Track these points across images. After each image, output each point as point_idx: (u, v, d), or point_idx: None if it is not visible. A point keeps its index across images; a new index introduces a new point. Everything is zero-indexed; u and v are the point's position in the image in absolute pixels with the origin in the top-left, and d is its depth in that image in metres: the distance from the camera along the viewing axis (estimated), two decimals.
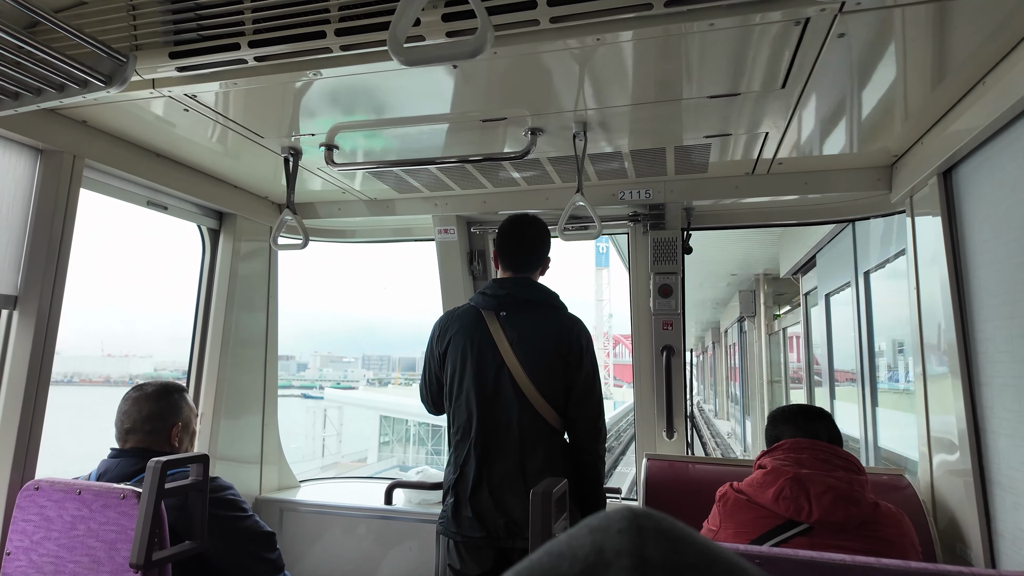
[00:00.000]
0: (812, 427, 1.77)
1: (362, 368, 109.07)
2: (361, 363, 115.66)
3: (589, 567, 0.29)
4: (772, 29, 1.37)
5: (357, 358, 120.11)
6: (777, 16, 1.30)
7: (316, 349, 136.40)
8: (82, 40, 1.39)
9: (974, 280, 1.80)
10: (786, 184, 2.44)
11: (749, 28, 1.36)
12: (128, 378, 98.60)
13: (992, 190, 1.69)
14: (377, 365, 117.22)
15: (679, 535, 0.31)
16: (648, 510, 0.32)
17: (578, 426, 2.02)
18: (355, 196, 2.87)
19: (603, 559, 0.29)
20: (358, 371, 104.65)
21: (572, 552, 0.31)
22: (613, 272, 60.91)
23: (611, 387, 54.62)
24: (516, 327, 2.02)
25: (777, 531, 1.60)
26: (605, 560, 0.29)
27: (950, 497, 1.97)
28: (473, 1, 1.08)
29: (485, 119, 1.94)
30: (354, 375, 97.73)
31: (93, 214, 52.57)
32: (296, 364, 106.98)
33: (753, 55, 1.50)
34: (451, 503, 2.02)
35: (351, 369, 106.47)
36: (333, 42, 1.49)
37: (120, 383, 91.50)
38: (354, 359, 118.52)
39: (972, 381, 1.81)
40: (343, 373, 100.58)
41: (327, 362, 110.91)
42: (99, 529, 1.71)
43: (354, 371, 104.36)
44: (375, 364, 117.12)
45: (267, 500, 2.89)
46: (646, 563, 0.29)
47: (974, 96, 1.66)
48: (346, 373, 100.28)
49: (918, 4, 1.28)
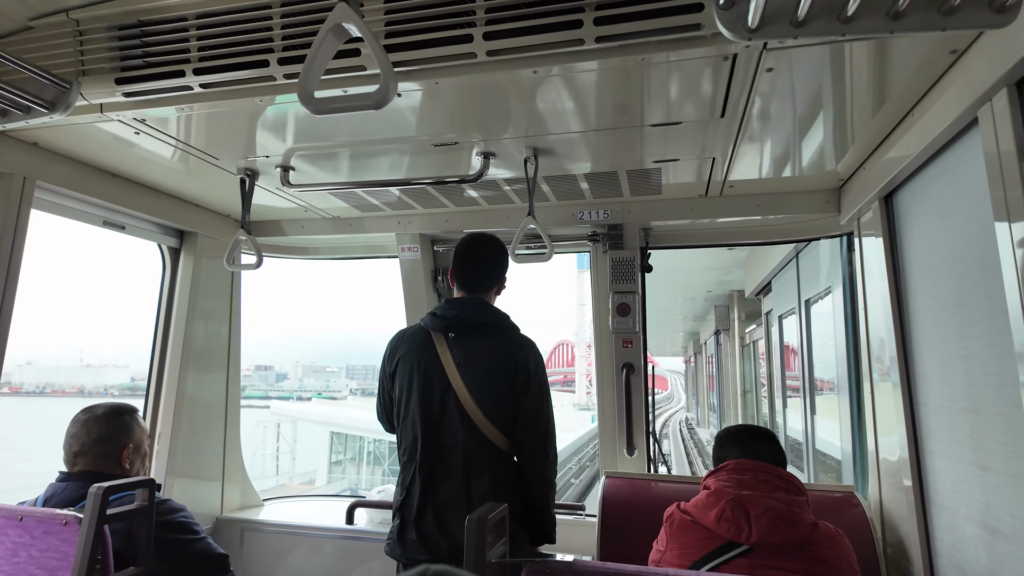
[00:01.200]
0: (756, 447, 1.80)
1: (346, 378, 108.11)
2: (345, 373, 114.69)
3: None
4: (703, 63, 1.41)
5: (341, 368, 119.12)
6: (705, 52, 1.34)
7: (298, 359, 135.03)
8: (22, 68, 1.40)
9: (912, 302, 1.85)
10: (739, 206, 2.49)
11: (681, 62, 1.40)
12: (103, 389, 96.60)
13: (927, 215, 1.74)
14: (362, 375, 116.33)
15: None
16: (446, 569, 0.33)
17: (525, 450, 2.01)
18: (317, 214, 2.88)
19: None
20: (342, 381, 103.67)
21: None
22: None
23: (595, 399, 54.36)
24: (463, 349, 2.02)
25: (719, 552, 1.62)
26: None
27: (895, 515, 2.01)
28: (376, 53, 1.10)
29: (437, 143, 1.97)
30: (337, 384, 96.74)
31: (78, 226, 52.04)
32: (275, 375, 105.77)
33: (688, 86, 1.54)
34: (397, 525, 2.02)
35: (334, 379, 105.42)
36: (277, 71, 1.51)
37: (94, 394, 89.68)
38: (338, 368, 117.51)
39: (912, 401, 1.86)
40: (325, 383, 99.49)
41: (309, 372, 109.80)
42: (40, 556, 1.69)
43: (337, 381, 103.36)
44: (359, 374, 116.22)
45: (228, 520, 2.86)
46: None
47: (907, 124, 1.71)
48: (328, 383, 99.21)
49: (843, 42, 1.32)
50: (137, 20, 1.59)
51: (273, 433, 26.47)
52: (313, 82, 1.15)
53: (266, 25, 1.51)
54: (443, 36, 1.39)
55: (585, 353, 60.83)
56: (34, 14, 1.65)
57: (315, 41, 1.12)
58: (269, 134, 1.93)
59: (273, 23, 1.50)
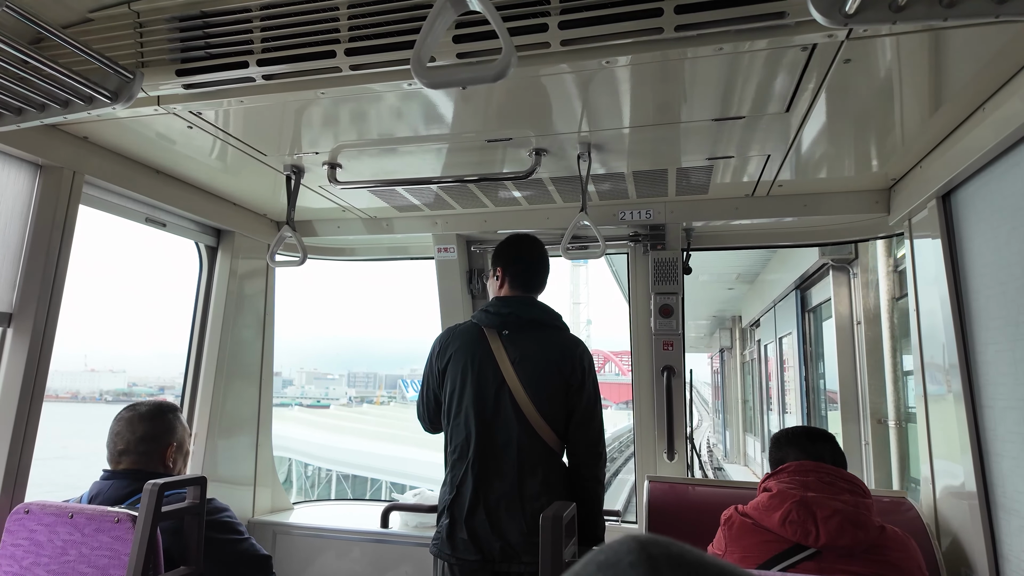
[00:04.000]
0: (816, 449, 1.77)
1: (346, 386, 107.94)
2: (347, 380, 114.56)
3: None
4: (779, 54, 1.39)
5: (343, 375, 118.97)
6: (786, 42, 1.32)
7: (302, 366, 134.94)
8: (89, 56, 1.38)
9: (975, 303, 1.82)
10: (785, 206, 2.46)
11: (757, 53, 1.38)
12: (98, 394, 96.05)
13: (992, 213, 1.72)
14: (363, 382, 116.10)
15: (691, 559, 0.30)
16: (654, 537, 0.31)
17: (579, 449, 2.00)
18: (354, 214, 2.86)
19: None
20: (341, 388, 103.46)
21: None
22: (593, 270, 57.93)
23: None
24: (518, 347, 2.00)
25: (784, 556, 1.58)
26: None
27: (953, 520, 1.97)
28: (497, 25, 1.08)
29: (491, 139, 1.95)
30: (336, 392, 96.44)
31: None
32: (282, 380, 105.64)
33: (758, 79, 1.52)
34: (446, 524, 1.99)
35: (333, 386, 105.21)
36: (343, 61, 1.49)
37: (88, 399, 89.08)
38: (339, 376, 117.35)
39: (975, 403, 1.82)
40: (325, 390, 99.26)
41: (311, 379, 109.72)
42: (91, 554, 1.66)
43: (337, 388, 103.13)
44: (360, 381, 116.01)
45: (261, 523, 2.83)
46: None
47: (973, 121, 1.69)
48: (327, 390, 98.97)
49: (921, 32, 1.30)
50: (200, 11, 1.58)
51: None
52: (428, 51, 1.13)
53: (332, 16, 1.50)
54: (519, 25, 1.37)
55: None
56: (95, 5, 1.64)
57: (430, 13, 1.11)
58: (319, 129, 1.91)
59: (340, 13, 1.49)
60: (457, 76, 1.15)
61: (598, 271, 63.90)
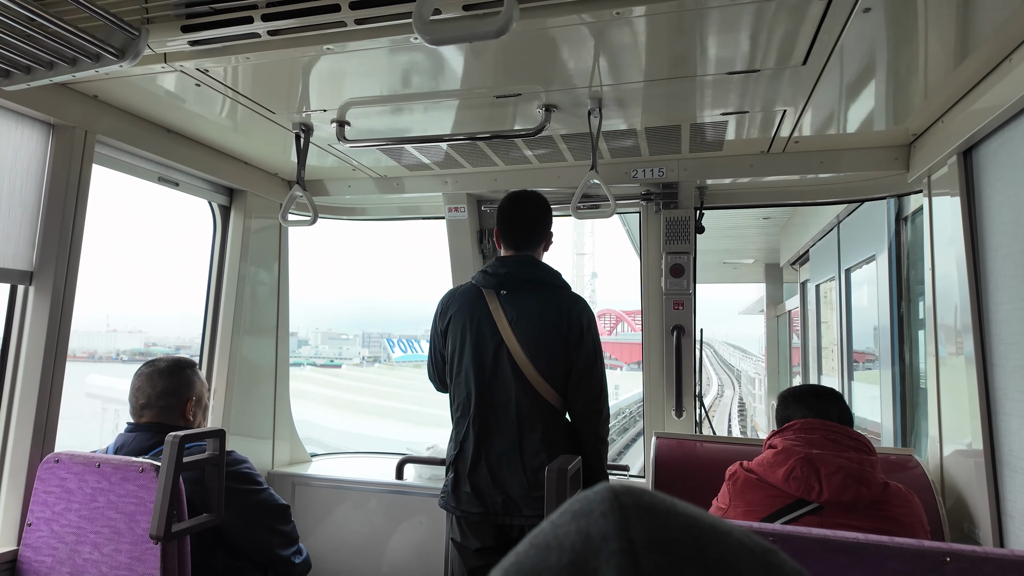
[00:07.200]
0: (823, 407, 1.78)
1: (360, 346, 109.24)
2: (361, 341, 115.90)
3: (578, 556, 0.29)
4: (796, 4, 1.34)
5: (357, 335, 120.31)
6: None
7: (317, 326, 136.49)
8: (95, 12, 1.37)
9: (991, 261, 1.80)
10: (802, 163, 2.41)
11: (772, 2, 1.34)
12: (115, 353, 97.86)
13: (1014, 170, 1.67)
14: (377, 343, 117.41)
15: (662, 509, 0.31)
16: (627, 487, 0.32)
17: (578, 407, 2.03)
18: (364, 173, 2.85)
19: (591, 545, 0.29)
20: (355, 348, 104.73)
21: (559, 542, 0.30)
22: (599, 222, 53.31)
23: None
24: (516, 306, 2.03)
25: (787, 510, 1.61)
26: (593, 547, 0.29)
27: (959, 477, 1.99)
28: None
29: (499, 95, 1.92)
30: (350, 352, 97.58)
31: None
32: (297, 340, 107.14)
33: (775, 30, 1.47)
34: (451, 479, 2.06)
35: (347, 346, 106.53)
36: (348, 15, 1.47)
37: (104, 359, 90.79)
38: (353, 336, 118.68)
39: (986, 362, 1.82)
40: (338, 350, 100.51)
41: (326, 339, 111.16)
42: (119, 501, 1.74)
43: (351, 348, 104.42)
44: (374, 342, 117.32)
45: (280, 475, 2.93)
46: (634, 544, 0.28)
47: (999, 73, 1.63)
48: (341, 350, 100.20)
49: None
50: None
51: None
52: (429, 7, 1.11)
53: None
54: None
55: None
56: None
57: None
58: (327, 86, 1.89)
59: None
60: (459, 32, 1.13)
61: (605, 225, 62.80)
